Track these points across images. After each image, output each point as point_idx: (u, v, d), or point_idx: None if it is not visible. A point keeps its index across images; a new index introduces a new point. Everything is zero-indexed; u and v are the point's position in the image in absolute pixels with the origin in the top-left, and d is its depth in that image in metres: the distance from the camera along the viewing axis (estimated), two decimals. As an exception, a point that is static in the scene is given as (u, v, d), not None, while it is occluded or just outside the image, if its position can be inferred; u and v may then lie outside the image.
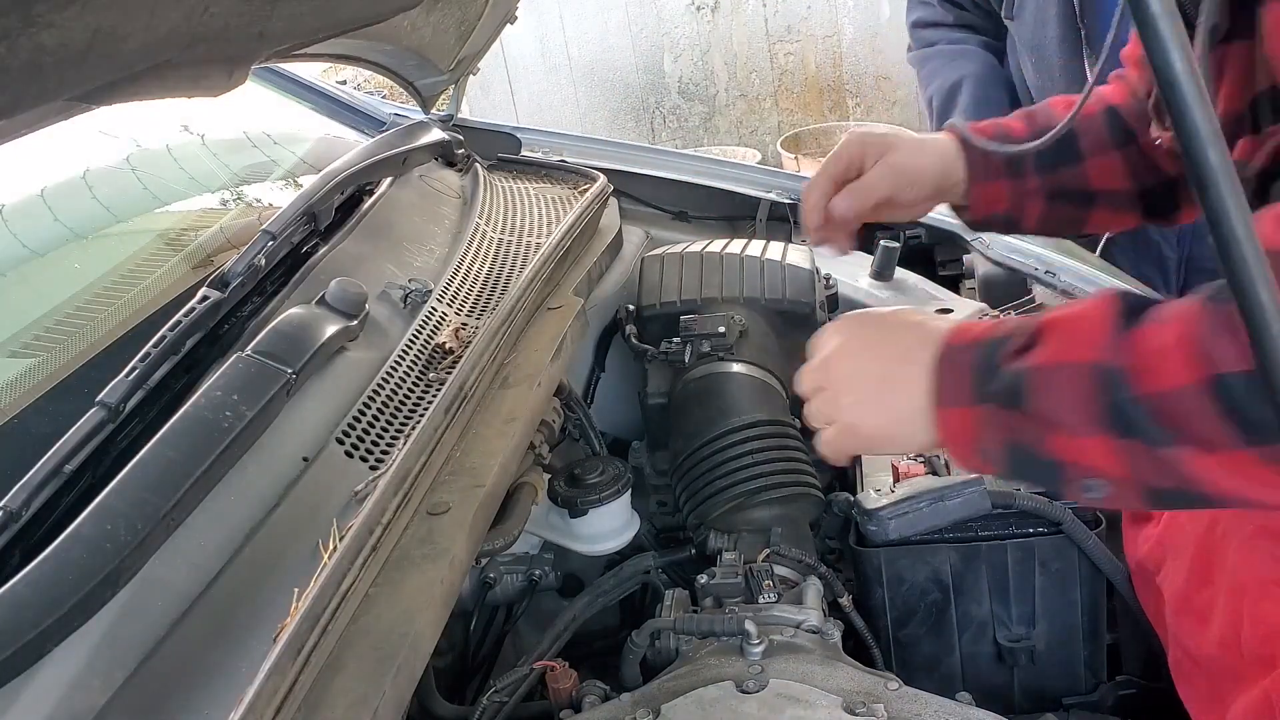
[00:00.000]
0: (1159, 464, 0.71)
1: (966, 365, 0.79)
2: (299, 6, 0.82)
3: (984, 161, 1.13)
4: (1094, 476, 0.75)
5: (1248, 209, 0.37)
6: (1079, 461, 0.74)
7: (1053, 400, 0.74)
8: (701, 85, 4.94)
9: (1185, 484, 0.72)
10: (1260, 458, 0.67)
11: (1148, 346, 0.71)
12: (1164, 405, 0.69)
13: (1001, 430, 0.77)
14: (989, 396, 0.77)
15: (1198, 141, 0.37)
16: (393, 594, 0.75)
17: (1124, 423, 0.71)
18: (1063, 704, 1.14)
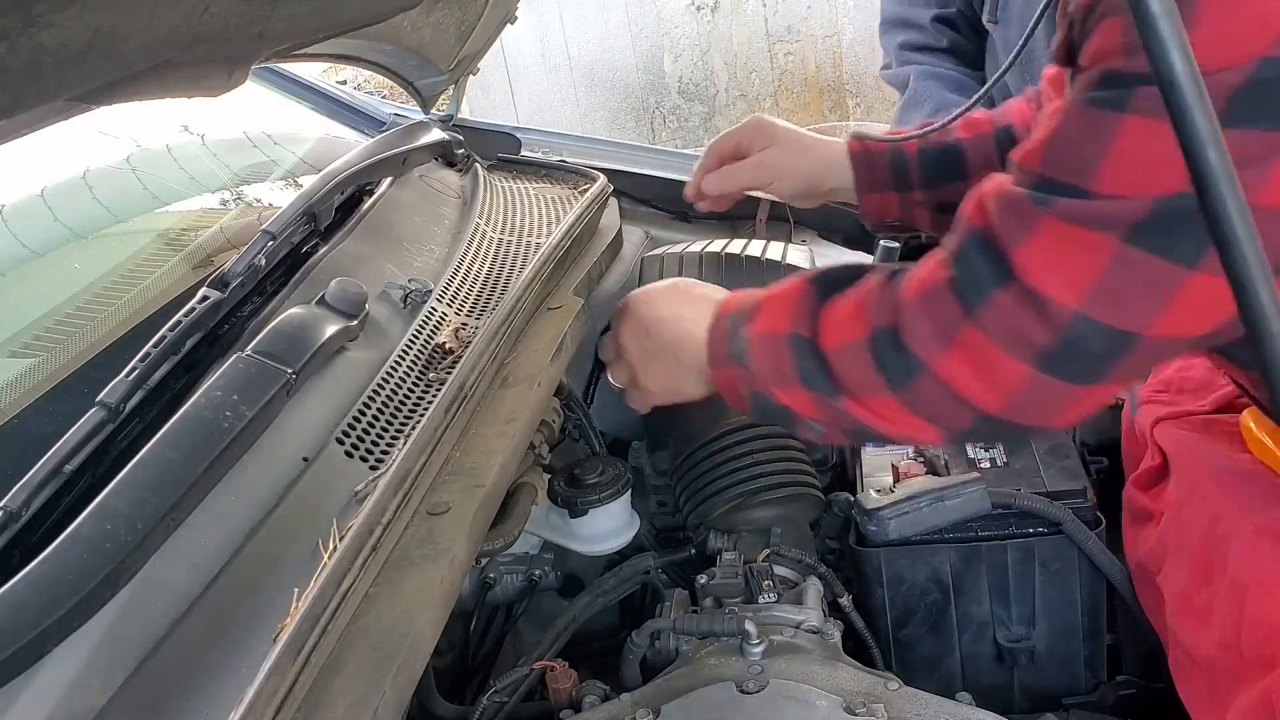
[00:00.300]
0: (837, 411, 0.88)
1: (723, 332, 0.96)
2: (299, 6, 0.82)
3: (871, 173, 1.22)
4: (811, 421, 0.91)
5: (1247, 209, 0.37)
6: (795, 408, 0.91)
7: (762, 363, 0.91)
8: (701, 85, 4.95)
9: (859, 425, 0.87)
10: (899, 402, 0.82)
11: (827, 317, 0.88)
12: (833, 361, 0.86)
13: (745, 384, 0.94)
14: (733, 358, 0.94)
15: (1198, 141, 0.37)
16: (393, 594, 0.75)
17: (808, 378, 0.88)
18: (1063, 704, 1.14)
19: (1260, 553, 0.90)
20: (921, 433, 0.84)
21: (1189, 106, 0.37)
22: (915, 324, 0.80)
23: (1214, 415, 1.08)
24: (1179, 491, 1.04)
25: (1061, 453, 1.17)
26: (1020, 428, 0.82)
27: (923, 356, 0.79)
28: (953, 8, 1.98)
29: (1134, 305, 0.71)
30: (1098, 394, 0.78)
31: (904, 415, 0.83)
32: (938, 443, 0.87)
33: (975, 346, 0.77)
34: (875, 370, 0.82)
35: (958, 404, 0.80)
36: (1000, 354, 0.76)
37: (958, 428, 0.82)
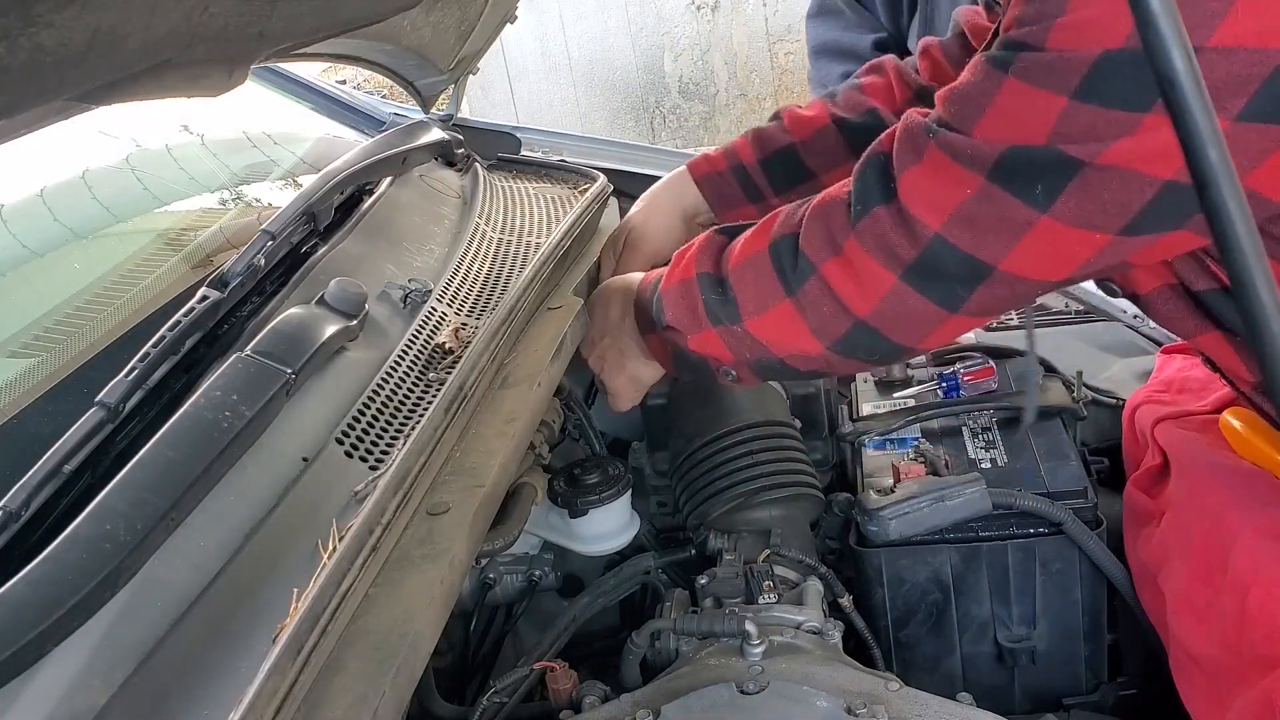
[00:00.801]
0: (740, 338, 0.95)
1: (644, 302, 1.05)
2: (299, 6, 0.82)
3: (720, 192, 1.29)
4: (721, 364, 1.00)
5: (1247, 209, 0.37)
6: (708, 353, 0.99)
7: (673, 312, 1.00)
8: (701, 85, 4.95)
9: (760, 350, 0.95)
10: (795, 307, 0.91)
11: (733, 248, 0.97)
12: (737, 280, 0.94)
13: (668, 343, 1.03)
14: (655, 323, 1.03)
15: (1198, 141, 0.37)
16: (393, 594, 0.74)
17: (713, 311, 0.96)
18: (1063, 704, 1.14)
19: (1261, 553, 0.90)
20: (809, 344, 0.92)
21: (1189, 106, 0.37)
22: (810, 230, 0.89)
23: (1214, 415, 1.08)
24: (1180, 492, 1.04)
25: (1062, 453, 1.17)
26: (892, 344, 0.90)
27: (813, 260, 0.89)
28: (884, 32, 1.98)
29: (987, 236, 0.79)
30: (960, 322, 0.87)
31: (795, 324, 0.92)
32: (820, 355, 0.92)
33: (855, 254, 0.86)
34: (774, 275, 0.91)
35: (837, 308, 0.89)
36: (874, 263, 0.85)
37: (837, 333, 0.90)
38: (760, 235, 0.95)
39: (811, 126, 1.25)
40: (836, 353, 0.92)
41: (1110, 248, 0.77)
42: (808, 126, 1.25)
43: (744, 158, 1.27)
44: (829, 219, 0.89)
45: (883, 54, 2.00)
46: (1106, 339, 1.45)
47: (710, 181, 1.29)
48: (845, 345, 0.91)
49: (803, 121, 1.26)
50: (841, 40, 2.03)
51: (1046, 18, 0.72)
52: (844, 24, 2.02)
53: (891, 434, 1.24)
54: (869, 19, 2.00)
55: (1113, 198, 0.73)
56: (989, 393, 1.28)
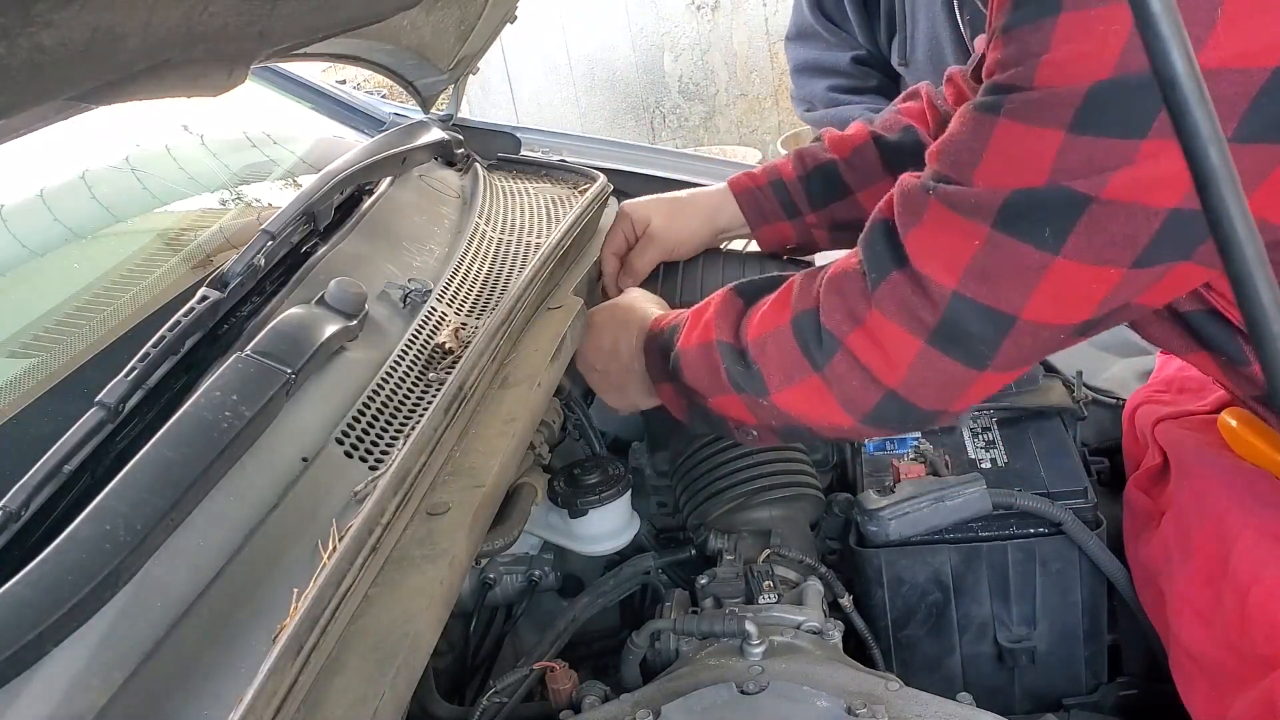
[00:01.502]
0: (765, 409, 0.95)
1: (656, 351, 1.05)
2: (299, 6, 0.82)
3: (759, 207, 1.30)
4: (744, 425, 0.99)
5: (1247, 209, 0.37)
6: (729, 415, 0.99)
7: (693, 374, 0.99)
8: (701, 85, 4.94)
9: (787, 420, 0.94)
10: (823, 382, 0.90)
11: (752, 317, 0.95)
12: (759, 353, 0.93)
13: (682, 397, 1.03)
14: (670, 374, 1.02)
15: (1198, 141, 0.37)
16: (392, 594, 0.74)
17: (737, 382, 0.95)
18: (1063, 704, 1.14)
19: (1262, 553, 0.90)
20: (838, 417, 0.91)
21: (1189, 106, 0.37)
22: (830, 304, 0.88)
23: (1214, 415, 1.08)
24: (1180, 492, 1.04)
25: (1062, 453, 1.17)
26: (922, 411, 0.88)
27: (837, 334, 0.88)
28: (862, 50, 2.01)
29: (1004, 286, 0.78)
30: (989, 380, 0.86)
31: (824, 398, 0.90)
32: (851, 428, 0.92)
33: (877, 324, 0.85)
34: (799, 351, 0.90)
35: (865, 380, 0.87)
36: (897, 330, 0.84)
37: (867, 405, 0.89)
38: (780, 309, 0.93)
39: (850, 144, 1.26)
40: (868, 424, 0.91)
41: (1125, 282, 0.76)
42: (847, 144, 1.26)
43: (784, 174, 1.28)
44: (845, 291, 0.87)
45: (862, 69, 2.03)
46: (1106, 339, 1.45)
47: (750, 196, 1.30)
48: (876, 416, 0.90)
49: (843, 140, 1.27)
50: (822, 59, 2.06)
51: (1031, 56, 0.72)
52: (823, 45, 2.06)
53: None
54: (846, 39, 2.03)
55: (1121, 231, 0.73)
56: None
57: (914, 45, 1.87)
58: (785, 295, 0.94)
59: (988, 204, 0.76)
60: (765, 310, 0.95)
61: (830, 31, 2.04)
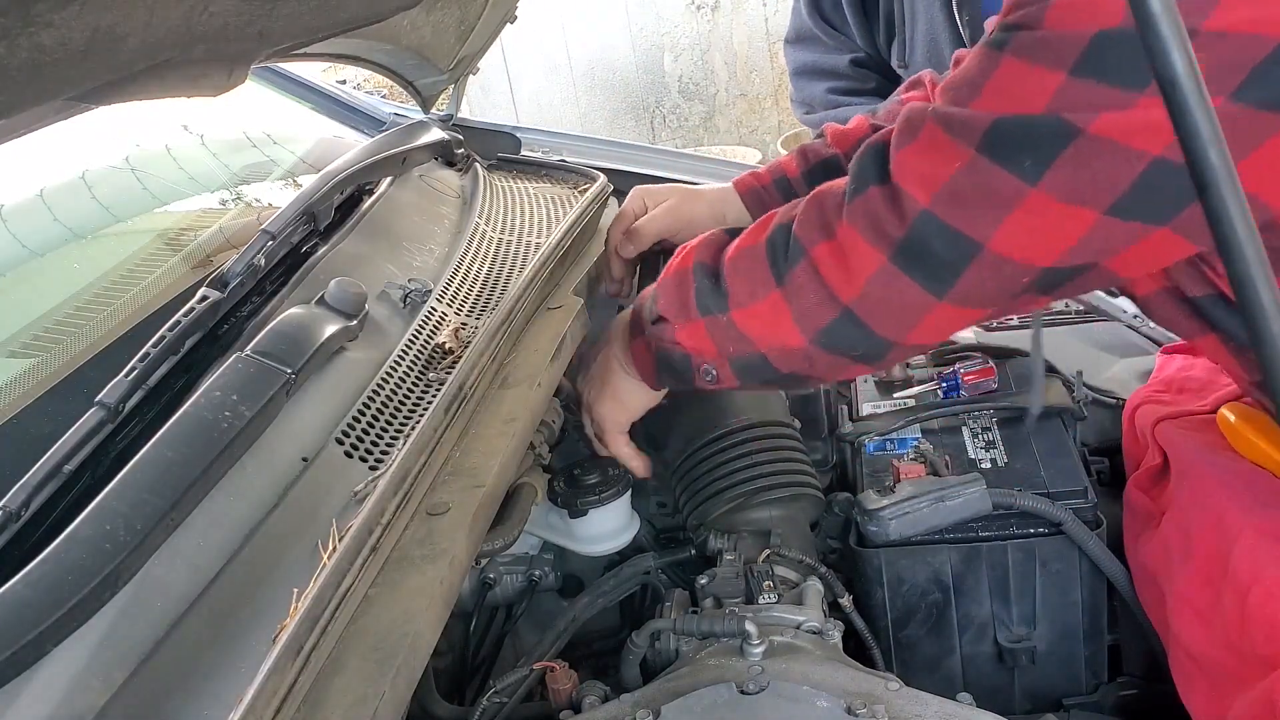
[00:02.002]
0: (724, 330, 0.94)
1: (639, 310, 1.05)
2: (299, 6, 0.82)
3: (764, 204, 1.28)
4: (704, 362, 0.98)
5: (1247, 209, 0.37)
6: (692, 348, 0.98)
7: (666, 299, 0.99)
8: (701, 85, 4.94)
9: (745, 345, 0.94)
10: (782, 296, 0.90)
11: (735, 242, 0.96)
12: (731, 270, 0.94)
13: (652, 343, 1.02)
14: (645, 321, 1.03)
15: (1198, 141, 0.37)
16: (392, 594, 0.74)
17: (701, 303, 0.96)
18: (1063, 704, 1.14)
19: (1262, 553, 0.90)
20: (791, 336, 0.91)
21: (1189, 106, 0.37)
22: (806, 215, 0.89)
23: (1214, 415, 1.08)
24: (1180, 492, 1.04)
25: (1062, 453, 1.17)
26: (876, 338, 0.88)
27: (804, 243, 0.88)
28: (861, 52, 2.01)
29: (976, 211, 0.78)
30: (946, 313, 0.85)
31: (780, 314, 0.90)
32: (802, 349, 0.91)
33: (845, 235, 0.85)
34: (766, 265, 0.91)
35: (823, 295, 0.87)
36: (863, 243, 0.84)
37: (820, 323, 0.89)
38: (760, 227, 0.95)
39: (852, 138, 1.26)
40: (819, 346, 0.90)
41: (1098, 230, 0.76)
42: (848, 138, 1.27)
43: (788, 170, 1.29)
44: (824, 203, 0.88)
45: (861, 71, 2.04)
46: (1106, 339, 1.45)
47: (754, 194, 1.30)
48: (828, 337, 0.90)
49: (844, 134, 1.28)
50: (821, 62, 2.07)
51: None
52: (822, 48, 2.06)
53: (891, 434, 1.24)
54: (845, 42, 2.03)
55: (1102, 170, 0.73)
56: (989, 393, 1.28)
57: (913, 47, 1.87)
58: (769, 216, 0.95)
59: (976, 125, 0.76)
60: (748, 229, 0.96)
61: (829, 34, 2.05)
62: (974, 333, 1.44)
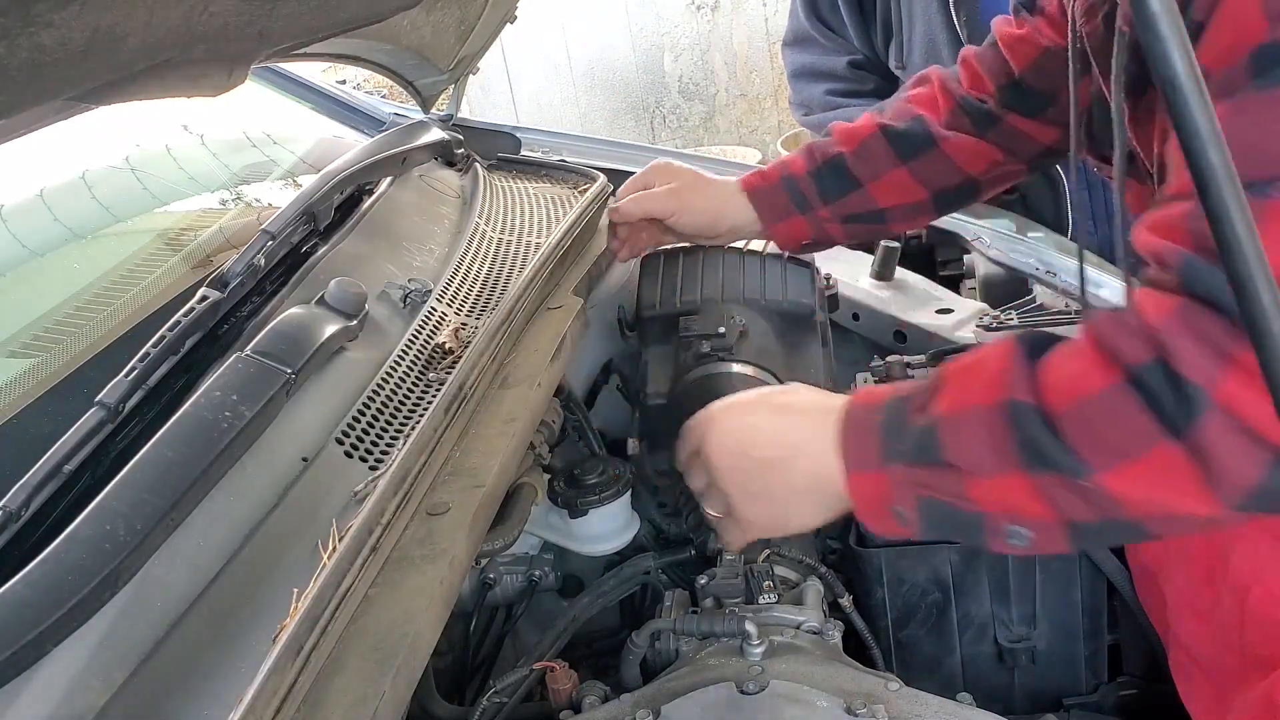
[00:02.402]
0: (1081, 492, 0.71)
1: (874, 427, 0.80)
2: (299, 6, 0.82)
3: (771, 203, 1.29)
4: (1016, 522, 0.75)
5: (1248, 209, 0.37)
6: (999, 507, 0.74)
7: (963, 444, 0.74)
8: (701, 85, 4.94)
9: (1107, 511, 0.71)
10: (1186, 453, 0.66)
11: (1054, 372, 0.72)
12: (1077, 423, 0.70)
13: (914, 488, 0.77)
14: (898, 455, 0.77)
15: (1198, 142, 0.37)
16: (392, 594, 0.74)
17: (1038, 456, 0.71)
18: (1063, 704, 1.14)
19: (1262, 553, 0.90)
20: (1199, 499, 0.68)
21: (1189, 106, 0.37)
22: (1185, 348, 0.65)
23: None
24: (1179, 492, 1.03)
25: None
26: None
27: (1205, 385, 0.65)
28: (859, 54, 2.02)
29: None
30: None
31: (1180, 474, 0.67)
32: (1219, 515, 0.69)
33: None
34: (1145, 415, 0.67)
35: (1248, 442, 0.65)
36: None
37: (1248, 479, 0.66)
38: (1097, 364, 0.70)
39: (858, 136, 1.25)
40: (1246, 507, 0.68)
41: None
42: (855, 136, 1.26)
43: (794, 169, 1.27)
44: (1204, 327, 0.65)
45: (859, 73, 2.04)
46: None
47: (761, 193, 1.29)
48: (1261, 493, 0.66)
49: (851, 133, 1.27)
50: (819, 64, 2.07)
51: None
52: (820, 50, 2.07)
53: (891, 434, 1.24)
54: (843, 44, 2.04)
55: None
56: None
57: (910, 48, 1.88)
58: (1095, 348, 0.71)
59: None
60: (1072, 369, 0.72)
61: (826, 37, 2.05)
62: (974, 333, 1.44)
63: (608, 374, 1.44)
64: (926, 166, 1.23)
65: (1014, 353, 0.75)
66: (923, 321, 1.48)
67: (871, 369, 1.37)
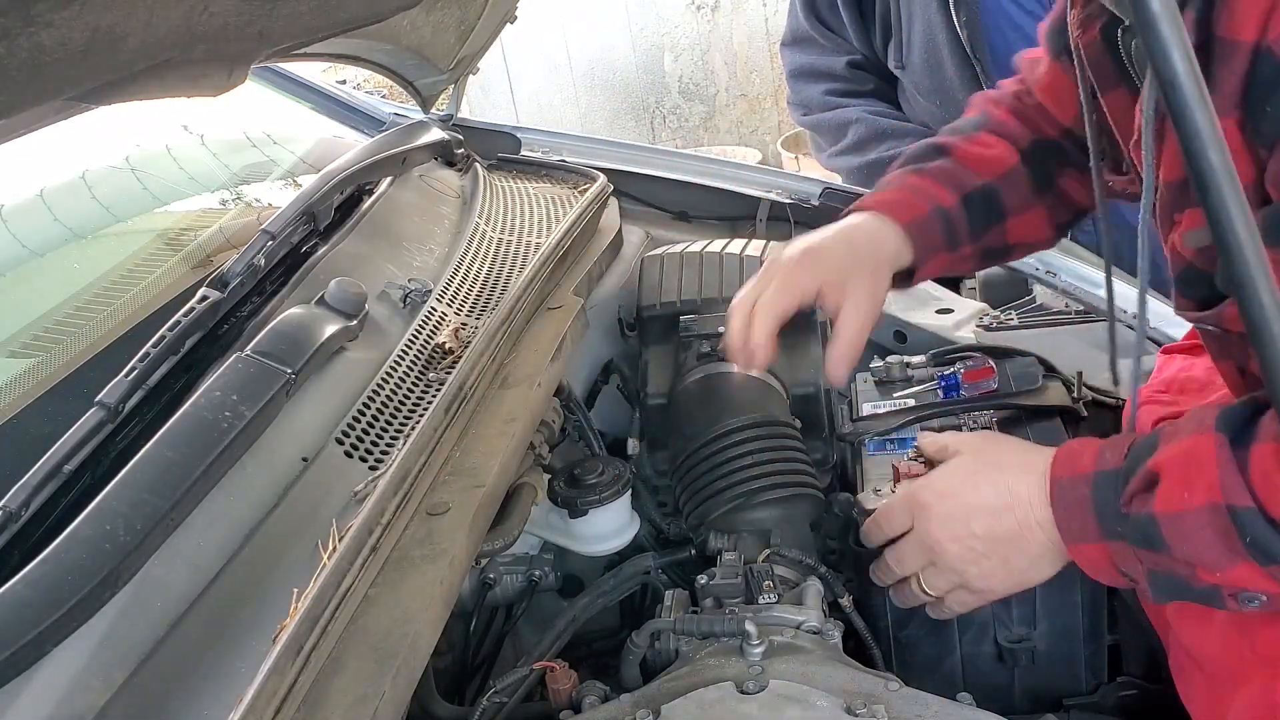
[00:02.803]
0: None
1: (1087, 504, 0.83)
2: (299, 6, 0.82)
3: (926, 241, 1.11)
4: (1250, 592, 0.79)
5: (1248, 209, 0.37)
6: (1233, 586, 0.78)
7: (1190, 546, 0.77)
8: (701, 85, 4.94)
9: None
10: None
11: (1260, 470, 0.74)
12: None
13: (1141, 561, 0.81)
14: (1119, 535, 0.81)
15: (1198, 142, 0.37)
16: (392, 594, 0.75)
17: (1266, 554, 0.74)
18: (1063, 704, 1.14)
19: (1261, 553, 0.90)
20: None
21: (1189, 106, 0.37)
22: None
23: (1215, 415, 1.07)
24: (1181, 492, 1.03)
25: (1062, 453, 1.17)
26: None
27: None
28: (858, 54, 2.02)
29: None
30: None
31: None
32: None
33: None
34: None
35: None
36: None
37: None
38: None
39: (1002, 166, 1.13)
40: None
41: None
42: (995, 164, 1.13)
43: (942, 200, 1.10)
44: None
45: (858, 73, 2.04)
46: (1107, 339, 1.45)
47: (919, 229, 1.09)
48: None
49: (988, 161, 1.13)
50: (817, 64, 2.07)
51: None
52: (819, 50, 2.07)
53: (891, 434, 1.24)
54: (841, 44, 2.04)
55: None
56: (989, 393, 1.28)
57: (910, 48, 1.88)
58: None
59: None
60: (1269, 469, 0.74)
61: (825, 36, 2.05)
62: (974, 333, 1.44)
63: (608, 374, 1.44)
64: (1054, 203, 1.15)
65: (1221, 446, 0.76)
66: (923, 321, 1.47)
67: (871, 369, 1.37)
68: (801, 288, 1.05)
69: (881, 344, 1.51)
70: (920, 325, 1.47)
